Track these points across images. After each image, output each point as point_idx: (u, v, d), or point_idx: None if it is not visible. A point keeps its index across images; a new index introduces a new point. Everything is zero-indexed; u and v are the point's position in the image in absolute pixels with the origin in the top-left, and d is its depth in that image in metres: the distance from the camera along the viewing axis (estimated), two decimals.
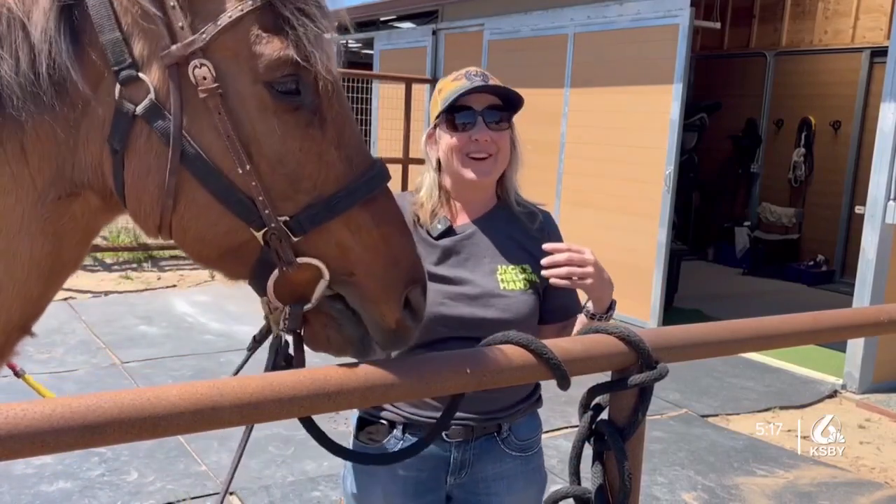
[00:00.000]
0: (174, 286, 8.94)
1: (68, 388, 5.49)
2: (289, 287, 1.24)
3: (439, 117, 2.04)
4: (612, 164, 8.24)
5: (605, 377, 1.44)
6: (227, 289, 7.61)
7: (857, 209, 7.11)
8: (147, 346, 6.72)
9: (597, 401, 1.45)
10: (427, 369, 1.27)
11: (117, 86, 1.17)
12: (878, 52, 9.41)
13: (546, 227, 2.15)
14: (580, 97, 8.62)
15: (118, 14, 1.17)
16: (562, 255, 1.84)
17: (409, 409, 2.03)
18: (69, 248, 1.28)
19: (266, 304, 1.32)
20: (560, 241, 2.06)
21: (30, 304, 1.28)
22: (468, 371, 1.26)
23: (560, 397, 2.09)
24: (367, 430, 2.08)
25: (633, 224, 7.98)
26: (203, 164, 1.18)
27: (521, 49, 9.32)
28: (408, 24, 11.88)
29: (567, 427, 4.93)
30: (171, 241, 1.27)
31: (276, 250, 1.21)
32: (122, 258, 9.79)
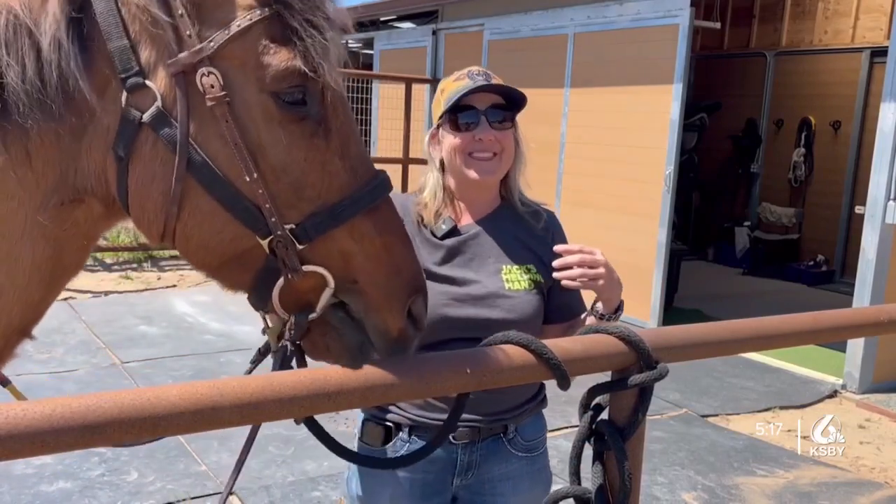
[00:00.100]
0: (174, 286, 8.94)
1: (68, 388, 5.49)
2: (294, 295, 1.24)
3: (442, 117, 2.03)
4: (612, 164, 8.24)
5: (605, 377, 1.44)
6: None
7: (857, 209, 7.11)
8: (147, 346, 6.72)
9: (597, 401, 1.45)
10: (427, 369, 1.27)
11: (124, 93, 1.17)
12: (878, 52, 9.41)
13: (550, 226, 2.14)
14: (580, 97, 8.62)
15: (126, 22, 1.16)
16: (573, 256, 1.83)
17: (415, 411, 2.01)
18: (70, 253, 1.28)
19: (265, 318, 1.33)
20: (564, 240, 2.05)
21: (30, 309, 1.28)
22: (468, 371, 1.26)
23: (560, 397, 2.08)
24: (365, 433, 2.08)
25: (633, 224, 7.98)
26: (209, 172, 1.18)
27: (521, 49, 9.32)
28: (408, 24, 11.87)
29: (567, 427, 4.92)
30: (174, 248, 1.27)
31: (282, 258, 1.21)
32: (122, 258, 9.80)
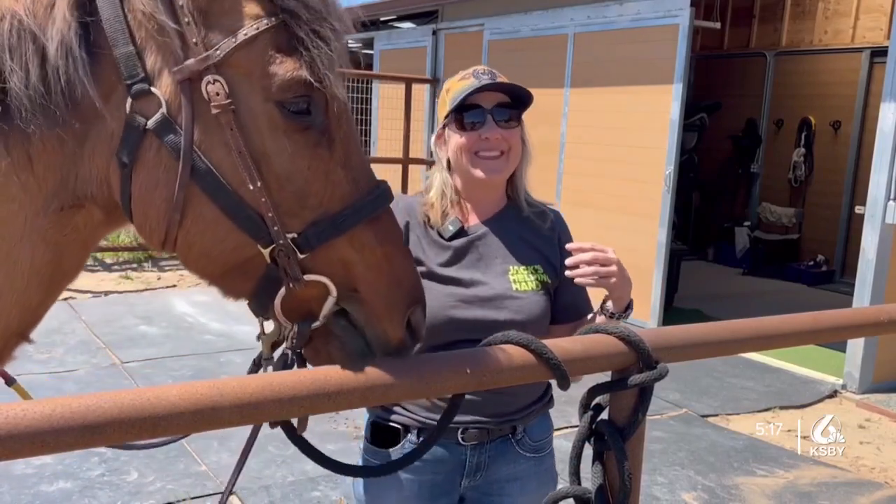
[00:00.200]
0: (174, 286, 8.94)
1: (68, 388, 5.49)
2: (296, 303, 1.25)
3: (448, 117, 2.02)
4: (612, 164, 8.24)
5: (605, 377, 1.44)
6: None
7: (857, 209, 7.11)
8: (147, 346, 6.72)
9: (597, 401, 1.45)
10: (427, 369, 1.27)
11: (129, 99, 1.17)
12: (878, 52, 9.41)
13: (557, 226, 2.13)
14: (580, 97, 8.62)
15: (132, 28, 1.16)
16: (586, 254, 1.82)
17: (424, 413, 2.00)
18: (70, 257, 1.28)
19: (262, 324, 1.33)
20: (571, 240, 2.04)
21: (28, 312, 1.28)
22: (468, 371, 1.26)
23: (560, 397, 2.09)
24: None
25: (633, 224, 7.98)
26: (213, 180, 1.18)
27: (521, 49, 9.32)
28: (408, 24, 11.87)
29: (567, 427, 4.92)
30: (175, 255, 1.27)
31: (283, 267, 1.21)
32: (122, 258, 9.80)
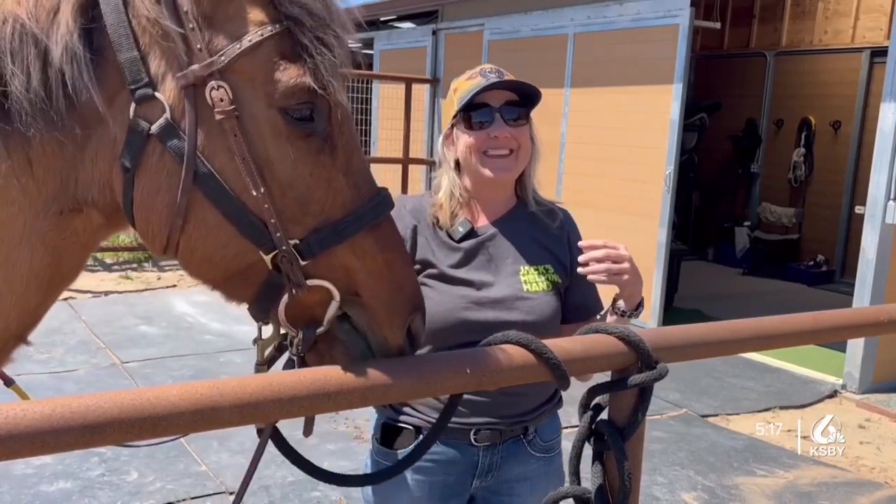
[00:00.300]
0: (174, 286, 8.94)
1: (68, 388, 5.50)
2: (300, 309, 1.25)
3: (456, 117, 2.01)
4: (612, 164, 8.24)
5: (605, 377, 1.44)
6: None
7: (857, 209, 7.11)
8: (147, 346, 6.72)
9: (597, 401, 1.45)
10: (427, 369, 1.27)
11: (132, 104, 1.17)
12: (878, 52, 9.41)
13: (566, 225, 2.13)
14: (580, 97, 8.62)
15: (136, 33, 1.16)
16: (598, 251, 1.82)
17: (434, 414, 1.99)
18: (68, 260, 1.28)
19: (260, 329, 1.33)
20: (580, 238, 2.03)
21: (27, 314, 1.28)
22: (468, 371, 1.26)
23: None
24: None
25: (633, 224, 7.98)
26: (216, 185, 1.18)
27: (521, 49, 9.32)
28: (408, 24, 11.87)
29: (567, 427, 4.91)
30: (177, 260, 1.27)
31: (286, 273, 1.21)
32: (122, 258, 9.80)
